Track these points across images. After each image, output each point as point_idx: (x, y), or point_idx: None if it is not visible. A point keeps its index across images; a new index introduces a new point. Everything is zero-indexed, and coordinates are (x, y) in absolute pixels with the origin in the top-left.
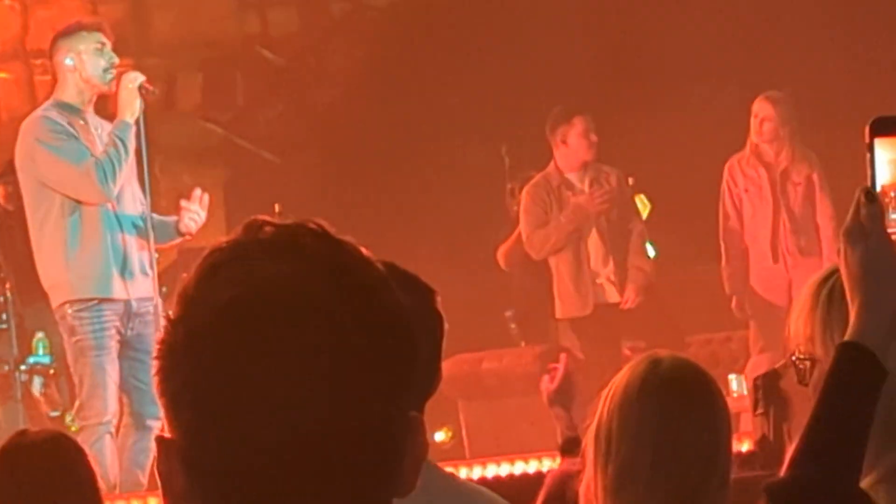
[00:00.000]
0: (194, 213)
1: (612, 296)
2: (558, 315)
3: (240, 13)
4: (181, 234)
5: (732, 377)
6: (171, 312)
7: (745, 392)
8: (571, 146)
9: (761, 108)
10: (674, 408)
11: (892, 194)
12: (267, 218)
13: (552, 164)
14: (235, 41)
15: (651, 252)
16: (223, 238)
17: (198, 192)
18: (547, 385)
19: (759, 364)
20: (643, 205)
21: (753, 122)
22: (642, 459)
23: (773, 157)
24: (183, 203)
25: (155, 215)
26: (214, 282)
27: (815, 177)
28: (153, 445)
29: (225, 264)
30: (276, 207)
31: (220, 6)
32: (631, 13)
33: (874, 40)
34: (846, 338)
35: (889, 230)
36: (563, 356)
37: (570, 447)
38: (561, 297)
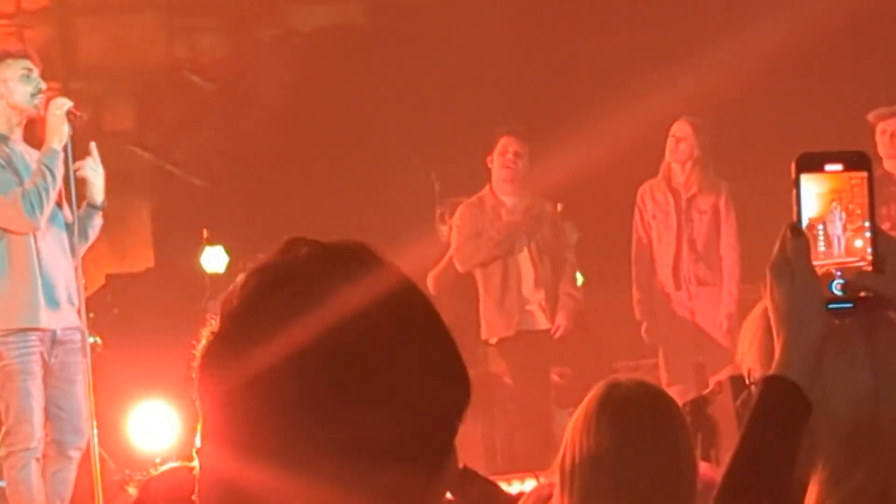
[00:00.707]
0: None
1: (542, 322)
2: (483, 335)
3: (169, 38)
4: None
5: None
6: (213, 325)
7: None
8: (496, 167)
9: (679, 128)
10: (631, 430)
11: (819, 227)
12: (306, 237)
13: (487, 186)
14: (164, 66)
15: (579, 279)
16: (265, 256)
17: (92, 144)
18: None
19: (671, 393)
20: (570, 231)
21: (670, 142)
22: (604, 483)
23: (683, 181)
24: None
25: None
26: (272, 302)
27: (721, 206)
28: (73, 476)
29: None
30: (204, 233)
31: (148, 31)
32: (562, 38)
33: (802, 71)
34: (771, 371)
35: (815, 263)
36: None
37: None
38: (486, 316)
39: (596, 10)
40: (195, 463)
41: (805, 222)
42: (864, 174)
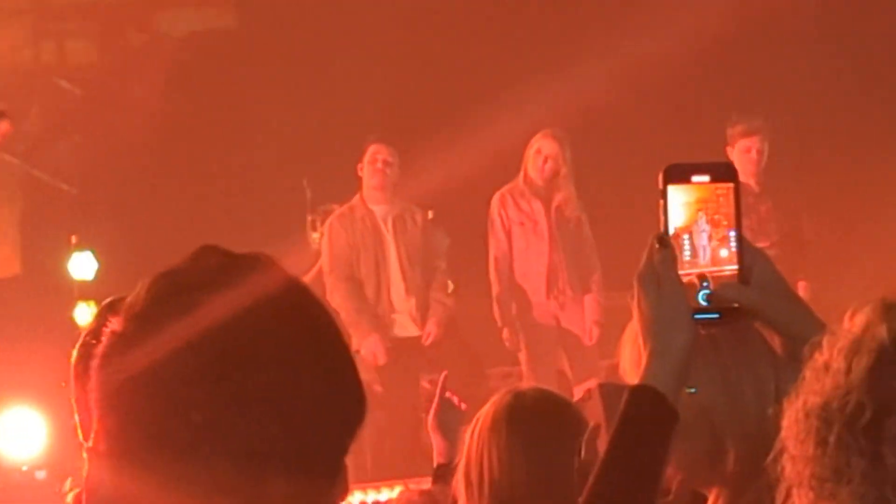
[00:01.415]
0: None
1: (413, 330)
2: (353, 347)
3: (36, 42)
4: None
5: None
6: (115, 325)
7: None
8: (367, 175)
9: (545, 144)
10: (544, 436)
11: (685, 237)
12: (216, 246)
13: (358, 194)
14: (32, 70)
15: (450, 286)
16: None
17: None
18: (433, 416)
19: None
20: (443, 237)
21: (534, 158)
22: (519, 490)
23: (549, 192)
24: None
25: None
26: (176, 305)
27: (583, 217)
28: None
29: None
30: (73, 239)
31: (15, 35)
32: (433, 46)
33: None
34: (638, 381)
35: (681, 272)
36: (443, 376)
37: (440, 474)
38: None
39: (467, 18)
40: (84, 463)
41: (672, 229)
42: (731, 185)
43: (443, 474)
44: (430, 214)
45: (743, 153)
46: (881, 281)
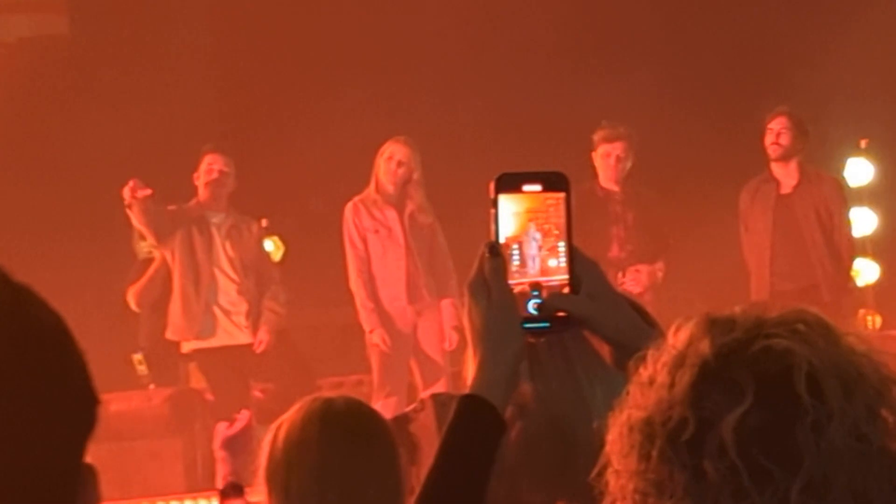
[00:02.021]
0: None
1: (244, 337)
2: (171, 336)
3: None
4: None
5: None
6: None
7: None
8: (202, 184)
9: (396, 149)
10: (357, 444)
11: (514, 246)
12: None
13: (195, 201)
14: None
15: (283, 294)
16: None
17: None
18: (224, 430)
19: (385, 408)
20: (277, 247)
21: (386, 164)
22: (328, 498)
23: (401, 200)
24: None
25: None
26: None
27: (436, 223)
28: None
29: None
30: None
31: None
32: (267, 53)
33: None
34: (467, 390)
35: (511, 282)
36: (245, 413)
37: (230, 491)
38: (176, 320)
39: (302, 25)
40: None
41: (503, 238)
42: (562, 195)
43: (232, 490)
44: (265, 223)
45: (603, 158)
46: (734, 288)
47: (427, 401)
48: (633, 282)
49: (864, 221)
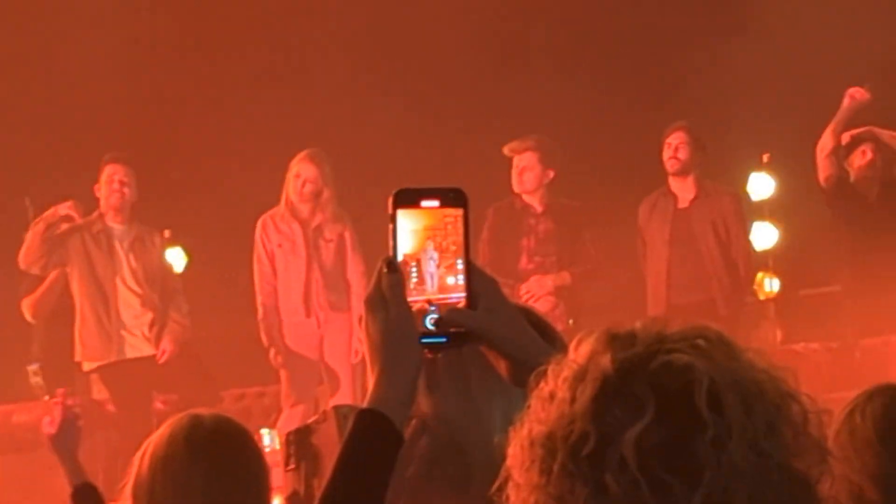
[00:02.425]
0: None
1: (146, 349)
2: (80, 359)
3: None
4: None
5: (265, 431)
6: None
7: (277, 447)
8: (104, 196)
9: (302, 167)
10: (222, 463)
11: (412, 264)
12: None
13: (97, 213)
14: None
15: (186, 305)
16: None
17: None
18: (48, 428)
19: (291, 418)
20: (180, 257)
21: (294, 182)
22: None
23: (308, 214)
24: None
25: None
26: None
27: (347, 235)
28: None
29: None
30: None
31: None
32: (168, 60)
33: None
34: (365, 404)
35: (410, 299)
36: (58, 392)
37: (82, 495)
38: (84, 341)
39: (207, 33)
40: None
41: (400, 258)
42: (460, 211)
43: (85, 495)
44: (168, 234)
45: (515, 170)
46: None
47: (329, 412)
48: (537, 285)
49: (765, 236)
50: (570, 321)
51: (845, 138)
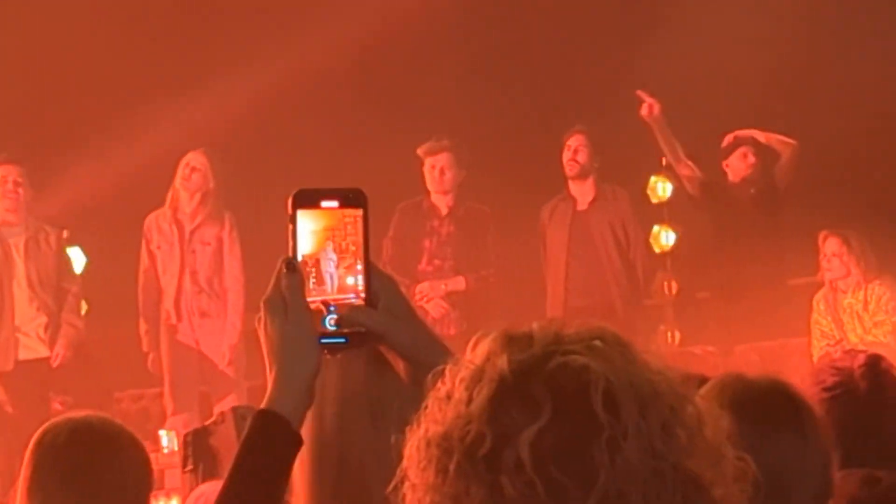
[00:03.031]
0: None
1: (42, 351)
2: None
3: None
4: None
5: (163, 433)
6: None
7: (175, 448)
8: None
9: (193, 157)
10: (104, 456)
11: (311, 264)
12: None
13: None
14: None
15: (84, 307)
16: None
17: None
18: None
19: (174, 424)
20: (78, 257)
21: (183, 171)
22: (72, 500)
23: (190, 212)
24: None
25: None
26: None
27: (225, 237)
28: None
29: None
30: None
31: None
32: (65, 59)
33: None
34: (262, 405)
35: (309, 299)
36: None
37: None
38: None
39: (101, 32)
40: None
41: (300, 256)
42: (360, 211)
43: None
44: (66, 234)
45: (428, 171)
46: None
47: (227, 413)
48: (430, 288)
49: (663, 238)
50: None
51: (728, 139)
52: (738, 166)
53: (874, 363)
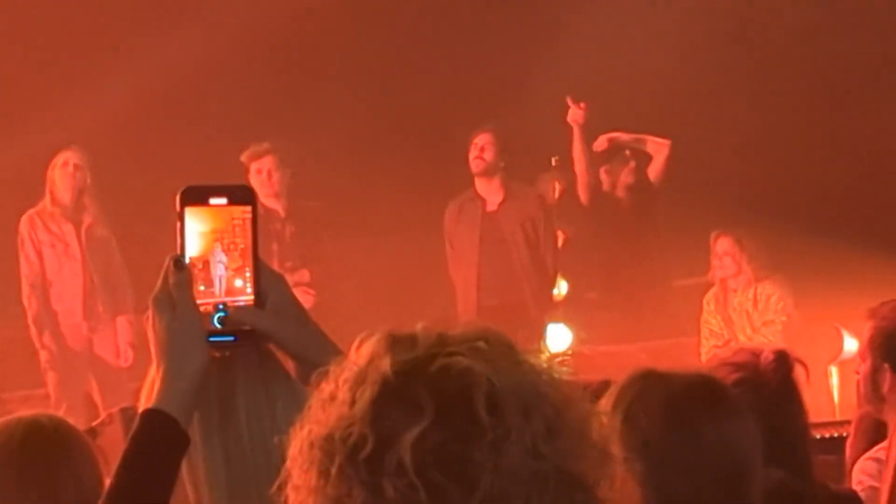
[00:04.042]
0: None
1: None
2: None
3: None
4: None
5: None
6: None
7: None
8: None
9: (71, 155)
10: (59, 453)
11: (200, 266)
12: None
13: None
14: None
15: None
16: None
17: None
18: None
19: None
20: None
21: (64, 170)
22: (30, 497)
23: (78, 213)
24: None
25: None
26: None
27: (112, 237)
28: None
29: None
30: None
31: None
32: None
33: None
34: (150, 404)
35: (199, 302)
36: None
37: None
38: None
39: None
40: None
41: (188, 258)
42: (249, 208)
43: None
44: None
45: (255, 175)
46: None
47: (115, 414)
48: None
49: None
50: None
51: (601, 144)
52: (616, 170)
53: (783, 358)
